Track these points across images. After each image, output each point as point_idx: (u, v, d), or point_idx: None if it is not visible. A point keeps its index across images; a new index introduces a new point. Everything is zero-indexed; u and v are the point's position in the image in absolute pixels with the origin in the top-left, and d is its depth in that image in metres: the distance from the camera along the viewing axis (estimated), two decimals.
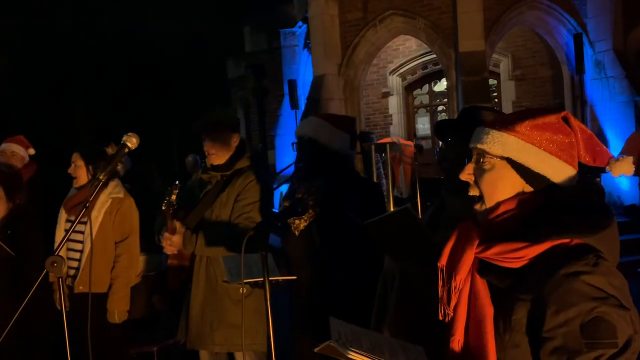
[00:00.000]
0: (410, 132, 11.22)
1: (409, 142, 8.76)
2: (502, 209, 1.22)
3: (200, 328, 2.67)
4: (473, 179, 1.25)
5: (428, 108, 11.86)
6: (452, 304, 1.21)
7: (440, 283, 1.24)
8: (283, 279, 2.27)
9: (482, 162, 1.24)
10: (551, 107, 5.38)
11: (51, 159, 5.93)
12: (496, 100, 10.75)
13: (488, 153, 1.23)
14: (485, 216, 1.23)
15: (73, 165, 3.25)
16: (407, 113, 11.62)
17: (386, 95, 11.52)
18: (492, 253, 1.17)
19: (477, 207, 1.25)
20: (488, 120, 1.41)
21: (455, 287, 1.20)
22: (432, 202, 2.01)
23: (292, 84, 10.10)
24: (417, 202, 6.60)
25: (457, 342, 1.19)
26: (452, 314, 1.21)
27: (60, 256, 1.74)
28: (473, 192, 1.26)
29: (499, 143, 1.22)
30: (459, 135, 1.73)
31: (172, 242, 2.61)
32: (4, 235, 3.30)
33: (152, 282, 3.66)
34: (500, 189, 1.22)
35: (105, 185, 3.21)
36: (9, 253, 3.13)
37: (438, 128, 1.95)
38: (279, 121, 11.29)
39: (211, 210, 2.72)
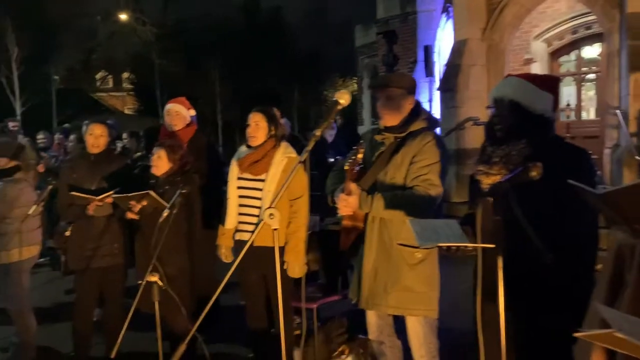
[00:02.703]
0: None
1: None
2: None
3: (373, 289, 2.68)
4: None
5: (575, 76, 10.88)
6: None
7: None
8: (472, 247, 2.17)
9: None
10: None
11: None
12: None
13: None
14: None
15: (254, 124, 3.38)
16: None
17: (529, 62, 10.72)
18: None
19: None
20: None
21: None
22: None
23: (428, 50, 9.77)
24: None
25: None
26: None
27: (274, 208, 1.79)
28: None
29: None
30: None
31: (347, 203, 2.61)
32: (163, 190, 3.55)
33: (306, 242, 3.76)
34: None
35: (279, 144, 3.33)
36: (164, 205, 3.33)
37: None
38: None
39: (385, 172, 2.68)
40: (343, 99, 1.89)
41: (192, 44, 25.56)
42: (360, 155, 2.51)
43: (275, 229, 1.88)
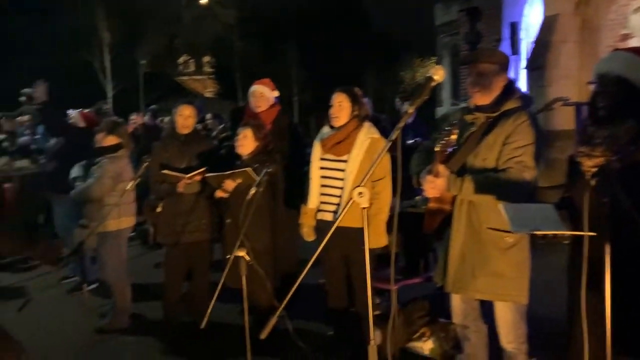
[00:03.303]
0: None
1: None
2: None
3: (460, 273, 2.62)
4: None
5: None
6: None
7: None
8: (570, 234, 2.06)
9: None
10: None
11: None
12: None
13: None
14: None
15: (337, 104, 3.38)
16: None
17: (626, 37, 9.92)
18: None
19: None
20: None
21: None
22: None
23: (514, 27, 9.31)
24: None
25: None
26: None
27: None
28: None
29: None
30: None
31: (434, 185, 2.54)
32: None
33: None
34: None
35: (361, 125, 3.31)
36: (254, 179, 3.40)
37: None
38: None
39: (475, 154, 2.58)
40: (437, 74, 1.82)
41: (270, 26, 25.91)
42: (453, 137, 2.43)
43: (364, 208, 1.86)
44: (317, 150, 3.53)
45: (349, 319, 3.59)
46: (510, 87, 2.64)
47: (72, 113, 5.61)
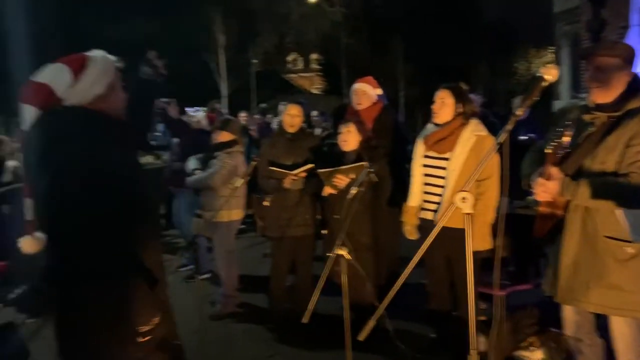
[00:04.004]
0: None
1: None
2: None
3: (572, 283, 2.45)
4: None
5: None
6: None
7: None
8: None
9: None
10: None
11: None
12: None
13: None
14: None
15: (439, 101, 3.32)
16: None
17: None
18: None
19: None
20: None
21: None
22: None
23: None
24: None
25: None
26: None
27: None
28: None
29: None
30: None
31: (546, 189, 2.39)
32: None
33: (494, 224, 3.58)
34: None
35: (467, 122, 3.21)
36: (370, 178, 3.41)
37: None
38: None
39: (593, 156, 2.39)
40: (549, 74, 1.71)
41: (377, 21, 25.83)
42: (566, 139, 2.26)
43: (467, 214, 1.81)
44: (419, 148, 3.49)
45: (452, 322, 3.51)
46: (635, 84, 2.42)
47: (196, 114, 6.04)
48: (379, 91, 4.91)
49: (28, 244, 2.51)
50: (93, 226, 1.67)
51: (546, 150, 2.32)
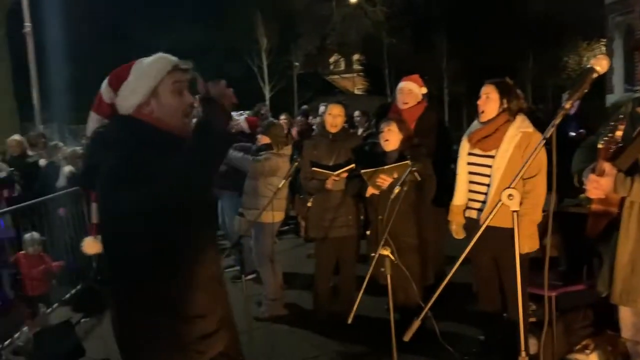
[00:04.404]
0: None
1: None
2: None
3: (629, 284, 2.34)
4: None
5: None
6: None
7: None
8: None
9: None
10: None
11: None
12: None
13: None
14: None
15: (484, 97, 3.24)
16: None
17: None
18: None
19: None
20: None
21: None
22: None
23: None
24: None
25: None
26: None
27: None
28: None
29: None
30: None
31: (598, 185, 2.29)
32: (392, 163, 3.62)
33: (544, 223, 3.46)
34: None
35: (513, 118, 3.12)
36: (415, 177, 3.37)
37: None
38: None
39: None
40: (600, 65, 1.63)
41: (419, 19, 25.51)
42: (619, 133, 2.16)
43: (515, 211, 1.75)
44: (464, 146, 3.41)
45: (502, 324, 3.41)
46: None
47: (238, 118, 6.13)
48: (424, 90, 4.84)
49: (90, 245, 2.61)
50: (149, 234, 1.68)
51: (598, 145, 2.22)
